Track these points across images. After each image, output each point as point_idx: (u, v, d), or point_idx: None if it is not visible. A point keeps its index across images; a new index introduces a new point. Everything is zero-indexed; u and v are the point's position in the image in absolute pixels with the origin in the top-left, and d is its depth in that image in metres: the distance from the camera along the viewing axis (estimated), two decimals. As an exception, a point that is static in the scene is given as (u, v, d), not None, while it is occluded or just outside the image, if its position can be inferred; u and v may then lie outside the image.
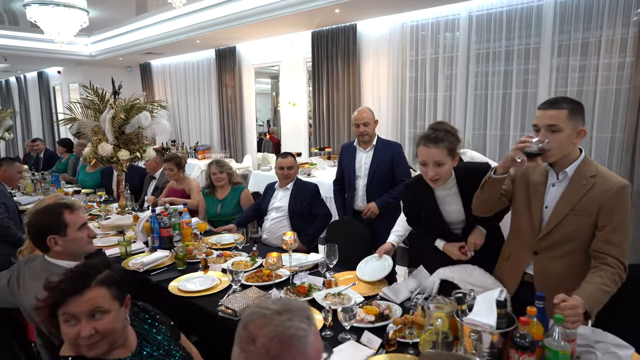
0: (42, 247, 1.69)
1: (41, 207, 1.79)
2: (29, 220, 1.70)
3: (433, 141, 1.79)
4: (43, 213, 1.72)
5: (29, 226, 1.69)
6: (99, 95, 3.05)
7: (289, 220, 3.21)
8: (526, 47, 4.50)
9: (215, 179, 3.54)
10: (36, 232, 1.67)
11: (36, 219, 1.69)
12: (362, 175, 3.10)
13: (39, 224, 1.68)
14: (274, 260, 2.04)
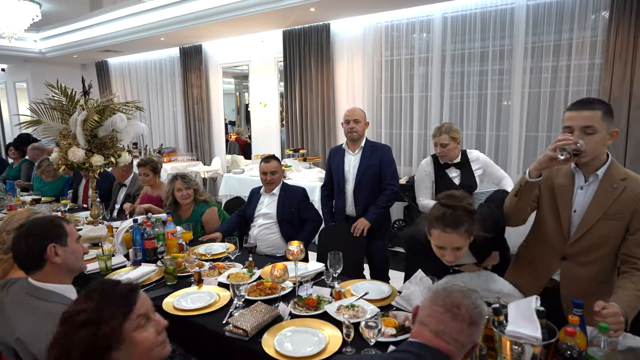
0: (33, 262, 1.46)
1: (32, 218, 1.58)
2: (18, 233, 1.47)
3: (452, 226, 1.57)
4: (41, 220, 1.51)
5: (20, 237, 1.45)
6: (67, 95, 2.77)
7: (278, 226, 3.07)
8: (500, 49, 4.59)
9: (180, 197, 3.14)
10: (33, 242, 1.44)
11: (34, 226, 1.47)
12: (350, 179, 3.00)
13: (38, 231, 1.47)
14: (280, 272, 1.90)
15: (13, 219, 1.75)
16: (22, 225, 1.49)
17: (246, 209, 3.26)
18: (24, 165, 5.60)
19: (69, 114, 2.81)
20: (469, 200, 1.62)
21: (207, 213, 3.19)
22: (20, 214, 1.78)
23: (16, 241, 1.45)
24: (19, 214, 1.78)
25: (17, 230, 1.48)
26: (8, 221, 1.76)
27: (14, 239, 1.47)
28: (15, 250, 1.45)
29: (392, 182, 2.90)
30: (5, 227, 1.73)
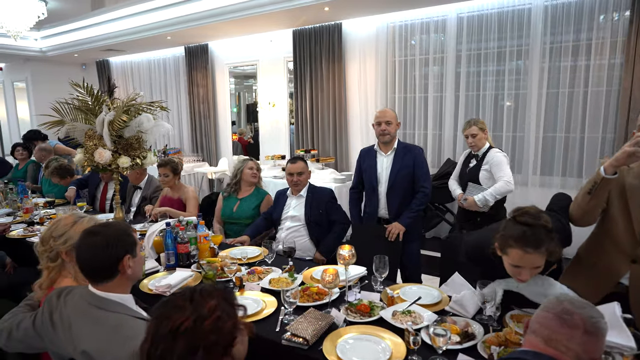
0: (106, 273, 1.38)
1: (99, 224, 1.49)
2: (91, 241, 1.37)
3: (533, 246, 1.50)
4: (117, 230, 1.42)
5: (95, 247, 1.35)
6: (92, 94, 2.69)
7: (307, 229, 3.01)
8: (517, 49, 4.57)
9: (250, 175, 3.37)
10: (111, 252, 1.36)
11: (112, 236, 1.38)
12: (383, 181, 2.95)
13: (116, 241, 1.38)
14: (332, 278, 1.84)
15: (58, 225, 1.67)
16: (93, 233, 1.39)
17: (273, 212, 3.19)
18: (30, 167, 5.47)
19: (94, 114, 2.73)
20: (545, 217, 1.54)
21: (267, 198, 3.35)
22: (65, 219, 1.69)
23: (89, 250, 1.36)
24: (64, 220, 1.69)
25: (88, 238, 1.38)
26: (52, 228, 1.67)
27: (82, 247, 1.38)
28: (88, 259, 1.37)
29: (425, 185, 2.86)
30: (52, 234, 1.65)
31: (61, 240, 1.62)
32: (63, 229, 1.64)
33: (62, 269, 1.64)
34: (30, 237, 3.11)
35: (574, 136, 4.37)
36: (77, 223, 1.66)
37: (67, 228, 1.65)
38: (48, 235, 1.64)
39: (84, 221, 1.67)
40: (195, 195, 3.54)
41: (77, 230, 1.61)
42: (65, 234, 1.63)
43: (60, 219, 1.71)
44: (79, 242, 1.39)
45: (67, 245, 1.61)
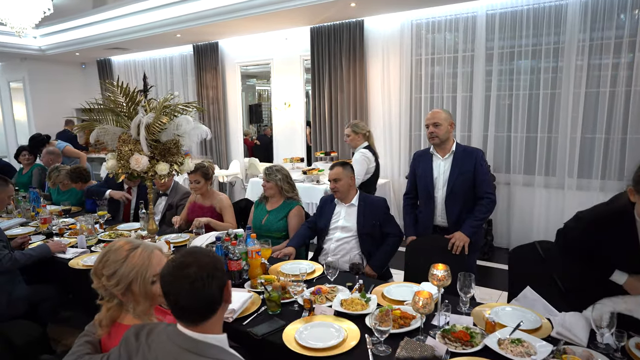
0: (211, 309, 1.14)
1: (184, 253, 1.21)
2: (187, 279, 1.09)
3: None
4: (208, 255, 1.17)
5: (194, 284, 1.10)
6: (128, 94, 2.43)
7: (358, 241, 2.78)
8: (554, 47, 4.39)
9: (262, 186, 3.13)
10: (212, 286, 1.12)
11: (210, 265, 1.13)
12: (440, 187, 2.74)
13: (218, 270, 1.15)
14: (426, 301, 1.62)
15: (109, 259, 1.38)
16: (185, 265, 1.12)
17: (317, 220, 2.96)
18: (36, 171, 5.16)
19: (128, 116, 2.47)
20: None
21: (296, 210, 3.07)
22: (116, 251, 1.38)
23: (185, 287, 1.10)
24: (114, 252, 1.39)
25: (180, 272, 1.11)
26: (103, 260, 1.39)
27: (175, 285, 1.10)
28: (185, 298, 1.10)
29: (489, 190, 2.64)
30: (102, 270, 1.37)
31: (113, 281, 1.36)
32: (114, 267, 1.37)
33: (121, 306, 1.39)
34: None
35: (615, 137, 4.19)
36: (129, 257, 1.39)
37: (119, 265, 1.37)
38: (99, 271, 1.39)
39: (136, 253, 1.40)
40: (230, 202, 3.30)
41: (131, 266, 1.37)
42: (116, 273, 1.36)
43: (110, 249, 1.42)
44: (167, 277, 1.14)
45: (120, 287, 1.36)
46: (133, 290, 1.36)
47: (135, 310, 1.36)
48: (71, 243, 2.98)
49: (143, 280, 1.36)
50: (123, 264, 1.37)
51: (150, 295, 1.37)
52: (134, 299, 1.37)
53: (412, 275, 2.63)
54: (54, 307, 2.81)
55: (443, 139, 2.72)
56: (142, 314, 1.37)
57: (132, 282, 1.35)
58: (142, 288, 1.36)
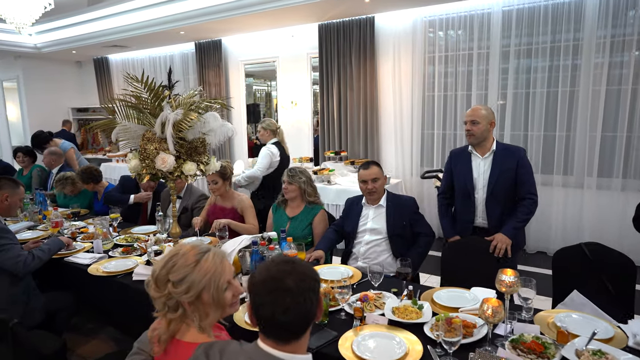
0: (300, 327, 1.02)
1: (279, 260, 1.07)
2: (286, 291, 0.97)
3: None
4: (303, 264, 1.06)
5: (295, 298, 0.99)
6: (152, 89, 2.28)
7: (389, 243, 2.66)
8: (574, 43, 4.31)
9: (284, 190, 2.95)
10: (312, 300, 1.01)
11: (310, 276, 1.02)
12: (480, 187, 2.63)
13: (316, 281, 1.05)
14: (496, 309, 1.50)
15: (176, 264, 1.23)
16: (283, 274, 0.99)
17: (344, 223, 2.83)
18: (36, 172, 4.96)
19: (152, 113, 2.32)
20: None
21: (320, 215, 2.92)
22: (184, 256, 1.24)
23: (284, 301, 0.97)
24: (182, 257, 1.24)
25: (277, 284, 0.99)
26: (168, 266, 1.24)
27: (270, 297, 0.98)
28: (281, 313, 0.97)
29: (532, 191, 2.54)
30: (168, 276, 1.22)
31: (182, 287, 1.21)
32: (183, 272, 1.22)
33: (184, 318, 1.24)
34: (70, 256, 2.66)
35: (637, 135, 4.12)
36: (201, 262, 1.24)
37: (189, 270, 1.22)
38: (164, 278, 1.23)
39: (208, 257, 1.25)
40: (251, 203, 3.15)
41: (203, 272, 1.22)
42: (186, 279, 1.22)
43: (176, 253, 1.27)
44: (261, 288, 1.01)
45: (191, 295, 1.21)
46: (203, 299, 1.21)
47: (202, 322, 1.21)
48: (85, 248, 2.82)
49: (216, 288, 1.22)
50: (194, 269, 1.22)
51: (222, 304, 1.24)
52: (203, 309, 1.22)
53: (450, 279, 2.52)
54: (70, 315, 2.65)
55: (480, 138, 2.61)
56: (208, 327, 1.22)
57: (203, 289, 1.20)
58: (215, 296, 1.22)
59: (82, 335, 2.99)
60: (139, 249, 2.72)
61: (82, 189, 4.15)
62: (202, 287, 1.21)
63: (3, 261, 2.29)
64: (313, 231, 2.91)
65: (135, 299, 2.26)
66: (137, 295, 2.23)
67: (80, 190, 4.14)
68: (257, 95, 10.36)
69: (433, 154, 5.28)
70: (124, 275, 2.38)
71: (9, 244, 2.32)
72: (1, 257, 2.28)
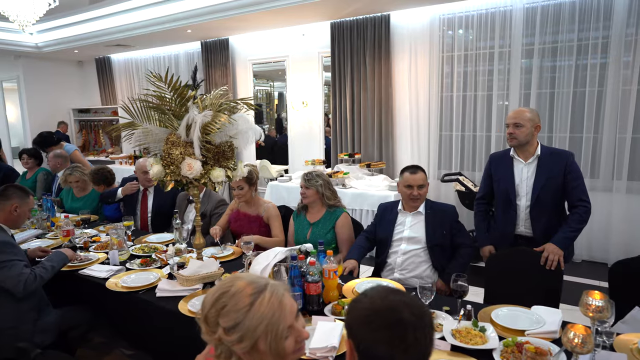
0: None
1: (398, 290, 0.90)
2: (409, 325, 0.80)
3: None
4: (420, 301, 0.92)
5: (420, 333, 0.85)
6: (176, 89, 2.10)
7: (429, 253, 2.48)
8: (603, 41, 4.15)
9: (301, 195, 2.80)
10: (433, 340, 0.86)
11: (426, 310, 0.88)
12: (524, 194, 2.46)
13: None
14: (585, 338, 1.32)
15: (228, 304, 1.02)
16: (397, 309, 0.84)
17: (377, 230, 2.66)
18: (41, 176, 4.76)
19: (176, 115, 2.14)
20: None
21: (343, 218, 2.75)
22: (238, 294, 1.02)
23: (416, 340, 0.81)
24: (236, 295, 1.02)
25: (395, 318, 0.82)
26: (218, 305, 1.03)
27: (391, 333, 0.82)
28: (409, 353, 0.82)
29: (584, 198, 2.37)
30: (218, 318, 1.02)
31: (234, 336, 1.00)
32: (234, 317, 1.01)
33: None
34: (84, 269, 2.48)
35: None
36: (255, 305, 1.02)
37: (242, 316, 1.01)
38: (214, 320, 1.03)
39: (264, 298, 1.03)
40: (278, 212, 2.97)
41: (259, 318, 1.00)
42: (238, 327, 1.00)
43: (226, 291, 1.04)
44: (371, 319, 0.84)
45: (244, 345, 1.00)
46: (260, 349, 1.01)
47: None
48: (100, 259, 2.63)
49: (275, 336, 1.01)
50: (247, 314, 1.01)
51: (282, 354, 1.03)
52: (260, 359, 1.03)
53: (494, 294, 2.35)
54: (86, 332, 2.46)
55: (523, 142, 2.45)
56: None
57: (259, 338, 1.00)
58: (274, 346, 1.01)
59: (93, 351, 2.80)
60: (158, 261, 2.53)
61: (92, 189, 3.99)
62: (258, 337, 1.00)
63: (4, 279, 2.09)
64: (337, 236, 2.74)
65: (160, 317, 2.08)
66: (161, 313, 2.06)
67: (88, 190, 3.98)
68: (259, 95, 10.19)
69: (451, 156, 5.11)
70: (145, 290, 2.19)
71: (11, 260, 2.12)
72: (2, 274, 2.08)
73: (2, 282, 2.08)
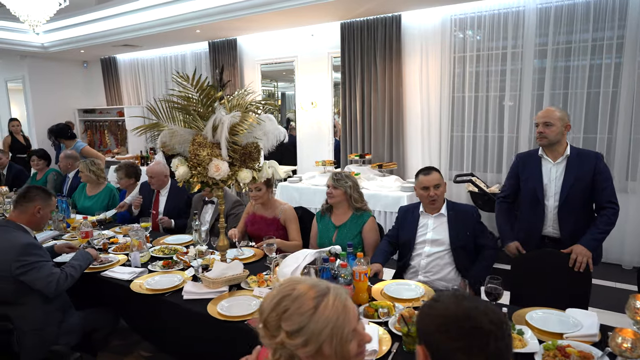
0: None
1: (474, 297, 0.90)
2: (491, 333, 0.82)
3: None
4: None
5: (503, 343, 0.85)
6: (203, 88, 2.08)
7: (452, 255, 2.47)
8: (618, 41, 4.14)
9: (328, 195, 2.76)
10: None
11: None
12: (552, 194, 2.45)
13: None
14: (635, 343, 1.31)
15: (290, 307, 1.00)
16: (483, 315, 0.83)
17: (399, 233, 2.64)
18: (51, 177, 4.74)
19: (202, 116, 2.12)
20: None
21: (370, 223, 2.72)
22: (301, 297, 1.00)
23: (496, 347, 0.81)
24: (299, 298, 1.00)
25: (486, 324, 0.81)
26: (279, 309, 1.01)
27: (481, 342, 0.81)
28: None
29: (613, 199, 2.36)
30: (280, 322, 1.00)
31: (299, 340, 0.99)
32: (298, 321, 0.99)
33: None
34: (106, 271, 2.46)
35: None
36: (320, 308, 1.00)
37: (306, 319, 0.99)
38: (274, 323, 1.01)
39: (329, 302, 1.00)
40: (295, 214, 2.95)
41: (324, 321, 0.98)
42: (303, 331, 0.98)
43: (288, 294, 1.02)
44: (449, 327, 0.83)
45: (309, 349, 0.99)
46: (324, 353, 0.99)
47: None
48: (121, 261, 2.61)
49: (340, 340, 0.99)
50: (312, 318, 0.99)
51: (347, 357, 1.01)
52: None
53: (519, 296, 2.33)
54: (108, 335, 2.44)
55: (553, 141, 2.43)
56: None
57: (325, 342, 0.98)
58: (339, 349, 0.99)
59: (114, 354, 2.78)
60: (181, 263, 2.51)
61: (103, 187, 3.99)
62: (323, 341, 0.98)
63: (33, 281, 2.07)
64: (364, 241, 2.72)
65: (187, 319, 2.06)
66: (188, 315, 2.04)
67: (101, 187, 3.98)
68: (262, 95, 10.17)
69: (463, 157, 5.10)
70: (171, 293, 2.17)
71: (39, 261, 2.11)
72: (31, 276, 2.06)
73: (32, 283, 2.07)
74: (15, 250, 2.05)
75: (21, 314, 2.06)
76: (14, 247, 2.05)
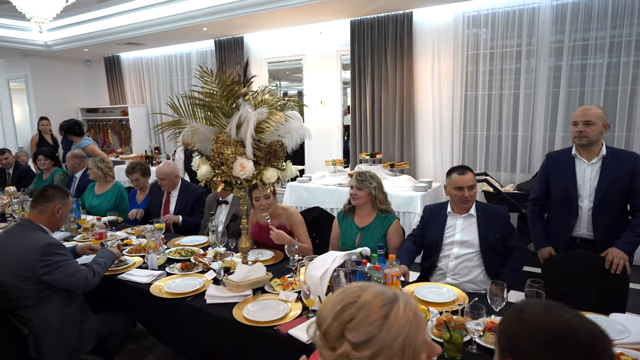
0: None
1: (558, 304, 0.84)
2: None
3: None
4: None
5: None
6: (226, 85, 2.00)
7: (482, 257, 2.39)
8: (637, 39, 4.07)
9: (351, 196, 2.69)
10: None
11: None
12: (586, 195, 2.37)
13: None
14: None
15: (357, 315, 0.90)
16: (581, 329, 0.76)
17: (425, 233, 2.56)
18: (58, 177, 4.65)
19: (225, 113, 2.04)
20: None
21: (395, 225, 2.66)
22: (368, 305, 0.91)
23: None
24: (366, 305, 0.91)
25: (584, 340, 0.74)
26: (343, 318, 0.91)
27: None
28: None
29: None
30: (343, 330, 0.90)
31: (367, 352, 0.89)
32: (367, 331, 0.89)
33: None
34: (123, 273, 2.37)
35: None
36: (390, 317, 0.90)
37: (375, 330, 0.89)
38: (337, 333, 0.91)
39: (399, 310, 0.91)
40: (301, 217, 2.85)
41: (395, 332, 0.89)
42: (372, 342, 0.89)
43: (353, 302, 0.93)
44: (546, 343, 0.75)
45: None
46: None
47: None
48: (137, 263, 2.52)
49: (413, 351, 0.90)
50: (382, 328, 0.90)
51: None
52: None
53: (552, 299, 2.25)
54: (125, 339, 2.36)
55: (593, 141, 2.36)
56: None
57: (396, 354, 0.89)
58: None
59: (130, 358, 2.70)
60: (200, 265, 2.42)
61: (111, 185, 3.93)
62: (394, 352, 0.89)
63: (62, 279, 2.02)
64: (388, 243, 2.64)
65: (211, 324, 1.98)
66: (211, 320, 1.96)
67: (109, 186, 3.92)
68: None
69: (476, 156, 5.02)
70: (193, 297, 2.09)
71: (65, 260, 2.05)
72: (59, 274, 2.00)
73: (59, 282, 2.03)
74: (38, 251, 1.99)
75: (40, 316, 2.00)
76: (35, 248, 2.00)
